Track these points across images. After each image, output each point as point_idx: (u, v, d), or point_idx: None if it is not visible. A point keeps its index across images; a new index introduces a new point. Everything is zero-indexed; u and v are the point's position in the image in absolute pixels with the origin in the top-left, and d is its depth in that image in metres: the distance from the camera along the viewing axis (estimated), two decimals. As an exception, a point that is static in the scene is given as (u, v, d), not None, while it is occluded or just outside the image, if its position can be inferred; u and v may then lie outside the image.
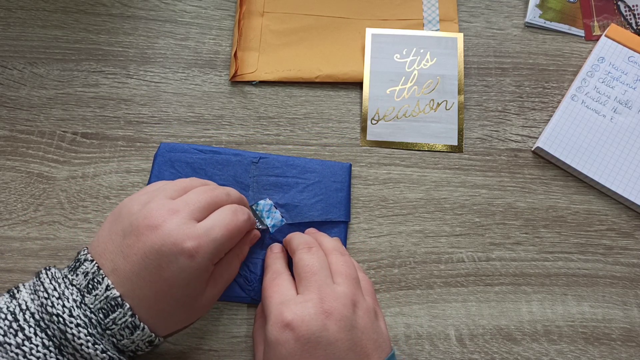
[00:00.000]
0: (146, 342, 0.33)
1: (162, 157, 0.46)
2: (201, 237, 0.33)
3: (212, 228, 0.34)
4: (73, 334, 0.31)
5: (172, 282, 0.32)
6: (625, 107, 0.49)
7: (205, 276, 0.34)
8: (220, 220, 0.35)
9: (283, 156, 0.46)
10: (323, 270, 0.36)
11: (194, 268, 0.33)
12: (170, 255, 0.32)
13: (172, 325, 0.35)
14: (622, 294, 0.44)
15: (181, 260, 0.32)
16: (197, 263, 0.33)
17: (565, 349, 0.42)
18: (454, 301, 0.43)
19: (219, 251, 0.35)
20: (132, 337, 0.32)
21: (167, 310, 0.34)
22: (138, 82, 0.50)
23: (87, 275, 0.33)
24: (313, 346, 0.32)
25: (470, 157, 0.48)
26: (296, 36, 0.52)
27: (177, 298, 0.33)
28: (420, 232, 0.45)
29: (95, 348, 0.31)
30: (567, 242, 0.46)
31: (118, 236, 0.34)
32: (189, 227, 0.33)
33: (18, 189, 0.46)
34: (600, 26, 0.54)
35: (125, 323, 0.32)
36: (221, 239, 0.34)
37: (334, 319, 0.32)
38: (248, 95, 0.50)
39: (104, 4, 0.53)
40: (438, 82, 0.50)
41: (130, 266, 0.32)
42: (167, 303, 0.33)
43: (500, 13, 0.54)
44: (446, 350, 0.42)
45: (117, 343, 0.32)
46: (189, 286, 0.33)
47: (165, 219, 0.33)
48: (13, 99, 0.49)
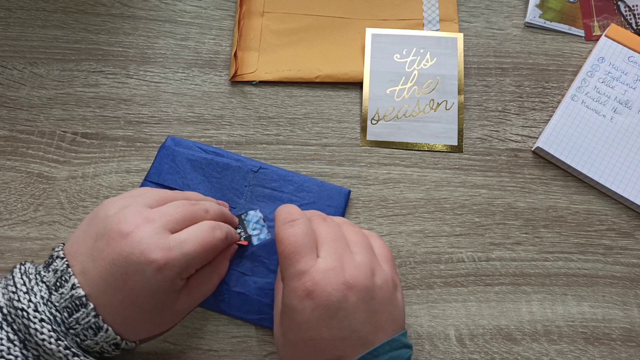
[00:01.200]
0: (111, 345, 0.33)
1: (166, 150, 0.46)
2: (172, 249, 0.32)
3: (185, 242, 0.33)
4: (36, 329, 0.31)
5: (137, 292, 0.32)
6: (625, 107, 0.49)
7: (173, 289, 0.34)
8: (195, 235, 0.34)
9: (283, 170, 0.46)
10: (341, 240, 0.34)
11: (160, 280, 0.32)
12: (137, 265, 0.31)
13: (142, 333, 0.35)
14: (622, 294, 0.44)
15: (148, 271, 0.32)
16: (163, 276, 0.32)
17: (565, 349, 0.42)
18: (454, 301, 0.43)
19: (189, 266, 0.34)
20: (96, 338, 0.32)
21: (134, 318, 0.33)
22: (138, 82, 0.50)
23: (56, 273, 0.33)
24: (330, 316, 0.31)
25: (470, 157, 0.48)
26: (296, 36, 0.52)
27: (142, 307, 0.33)
28: (420, 232, 0.45)
29: (58, 344, 0.31)
30: (567, 242, 0.46)
31: (91, 238, 0.33)
32: (160, 238, 0.32)
33: (18, 189, 0.46)
34: (600, 26, 0.54)
35: (88, 323, 0.32)
36: (193, 253, 0.33)
37: (355, 290, 0.32)
38: (248, 95, 0.50)
39: (104, 4, 0.53)
40: (438, 82, 0.50)
41: (98, 270, 0.32)
42: (133, 311, 0.33)
43: (500, 13, 0.54)
44: (446, 350, 0.42)
45: (80, 343, 0.32)
46: (155, 297, 0.33)
47: (137, 226, 0.32)
48: (13, 99, 0.49)
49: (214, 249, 0.35)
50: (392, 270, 0.36)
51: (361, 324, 0.32)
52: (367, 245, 0.35)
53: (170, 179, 0.45)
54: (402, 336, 0.33)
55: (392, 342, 0.32)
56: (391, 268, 0.36)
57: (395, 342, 0.33)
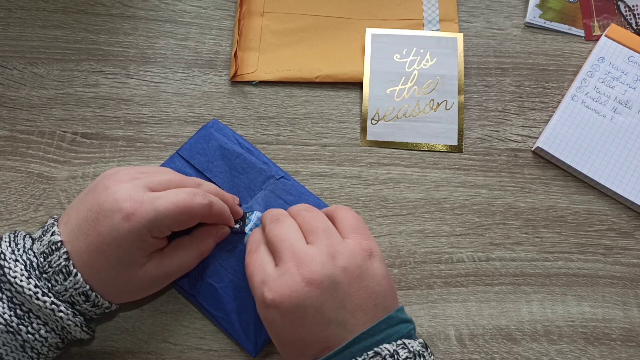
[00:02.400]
0: (81, 294, 0.34)
1: (205, 130, 0.46)
2: (143, 202, 0.33)
3: (159, 198, 0.34)
4: (10, 268, 0.32)
5: (103, 239, 0.33)
6: (625, 107, 0.49)
7: (141, 245, 0.34)
8: (172, 195, 0.34)
9: (303, 187, 0.45)
10: (292, 234, 0.34)
11: (126, 230, 0.32)
12: (108, 211, 0.33)
13: (110, 289, 0.35)
14: (622, 294, 0.44)
15: (116, 218, 0.32)
16: (129, 225, 0.32)
17: (565, 349, 0.42)
18: (454, 301, 0.43)
19: (160, 224, 0.33)
20: (65, 283, 0.33)
21: (100, 268, 0.34)
22: (138, 82, 0.50)
23: (43, 227, 0.35)
24: (300, 316, 0.32)
25: (470, 157, 0.48)
26: (296, 36, 0.52)
27: (108, 258, 0.33)
28: (420, 232, 0.45)
29: (29, 282, 0.32)
30: (567, 242, 0.46)
31: (84, 193, 0.36)
32: (137, 192, 0.33)
33: (18, 189, 0.46)
34: (600, 26, 0.54)
35: (59, 267, 0.33)
36: (164, 211, 0.33)
37: (315, 284, 0.32)
38: (248, 95, 0.50)
39: (104, 4, 0.53)
40: (438, 82, 0.50)
41: (76, 218, 0.34)
42: (99, 261, 0.33)
43: (500, 13, 0.54)
44: (446, 350, 0.42)
45: (51, 288, 0.33)
46: (120, 248, 0.33)
47: (122, 181, 0.34)
48: (13, 99, 0.49)
49: (190, 212, 0.35)
50: (362, 238, 0.35)
51: (334, 312, 0.32)
52: (325, 229, 0.35)
53: (197, 159, 0.45)
54: (398, 312, 0.33)
55: (389, 320, 0.32)
56: (360, 236, 0.35)
57: (392, 319, 0.33)
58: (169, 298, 0.42)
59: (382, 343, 0.31)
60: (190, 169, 0.45)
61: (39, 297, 0.32)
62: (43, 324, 0.33)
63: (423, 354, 0.31)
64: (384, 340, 0.32)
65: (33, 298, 0.32)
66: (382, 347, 0.31)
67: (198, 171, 0.45)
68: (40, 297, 0.32)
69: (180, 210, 0.34)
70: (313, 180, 0.47)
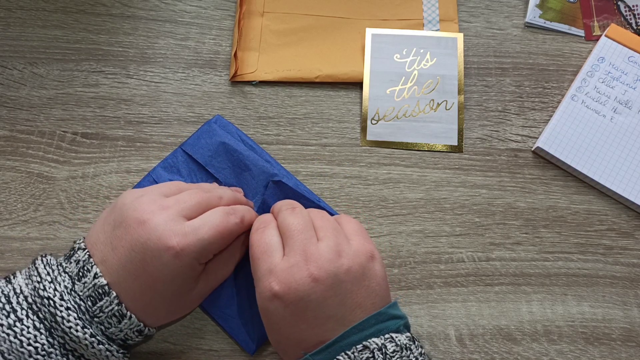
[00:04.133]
0: (135, 332, 0.34)
1: (209, 126, 0.46)
2: (188, 235, 0.33)
3: (201, 227, 0.34)
4: (62, 317, 0.31)
5: (156, 277, 0.33)
6: (625, 107, 0.49)
7: (192, 274, 0.34)
8: (210, 221, 0.35)
9: (303, 186, 0.44)
10: (307, 229, 0.35)
11: (177, 266, 0.33)
12: (155, 251, 0.32)
13: (163, 317, 0.36)
14: (622, 294, 0.44)
15: (165, 256, 0.32)
16: (181, 261, 0.33)
17: (565, 349, 0.42)
18: (454, 301, 0.43)
19: (207, 251, 0.34)
20: (120, 325, 0.33)
21: (154, 304, 0.34)
22: (138, 82, 0.50)
23: (78, 263, 0.33)
24: (302, 309, 0.32)
25: (470, 157, 0.48)
26: (296, 36, 0.52)
27: (162, 293, 0.33)
28: (420, 232, 0.45)
29: (85, 332, 0.31)
30: (567, 242, 0.46)
31: (110, 227, 0.34)
32: (177, 224, 0.33)
33: (18, 189, 0.46)
34: (600, 26, 0.54)
35: (112, 311, 0.32)
36: (209, 239, 0.34)
37: (321, 280, 0.32)
38: (248, 95, 0.50)
39: (104, 4, 0.53)
40: (438, 82, 0.50)
41: (117, 258, 0.33)
42: (152, 297, 0.33)
43: (500, 13, 0.54)
44: (446, 350, 0.42)
45: (105, 331, 0.33)
46: (174, 283, 0.33)
47: (154, 213, 0.33)
48: (13, 99, 0.49)
49: (230, 233, 0.36)
50: (365, 241, 0.36)
51: (335, 308, 0.32)
52: (334, 228, 0.35)
53: (200, 153, 0.45)
54: (389, 308, 0.34)
55: (378, 315, 0.33)
56: (363, 239, 0.36)
57: (382, 315, 0.33)
58: (169, 298, 0.42)
59: (371, 337, 0.32)
60: (194, 164, 0.45)
61: (95, 346, 0.32)
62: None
63: (410, 346, 0.32)
64: (373, 335, 0.32)
65: (89, 347, 0.32)
66: (371, 341, 0.31)
67: (201, 166, 0.45)
68: (96, 345, 0.32)
69: (221, 235, 0.35)
70: (313, 180, 0.47)
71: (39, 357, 0.31)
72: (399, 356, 0.31)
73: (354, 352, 0.31)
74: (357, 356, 0.31)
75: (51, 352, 0.31)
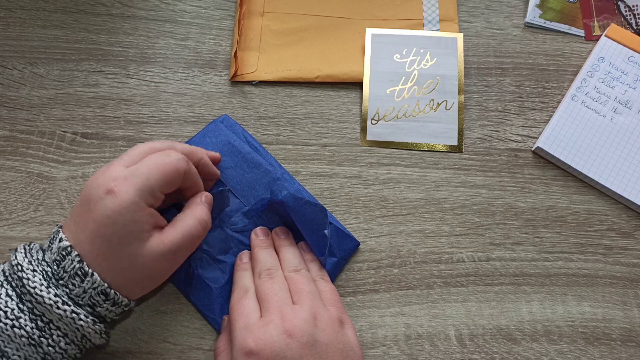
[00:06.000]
0: (100, 294, 0.34)
1: (215, 125, 0.46)
2: (127, 177, 0.34)
3: (139, 167, 0.35)
4: (28, 278, 0.33)
5: (99, 222, 0.33)
6: (625, 107, 0.49)
7: (137, 217, 0.34)
8: (148, 160, 0.35)
9: (307, 192, 0.44)
10: (282, 292, 0.37)
11: (118, 205, 0.33)
12: (95, 196, 0.34)
13: (121, 279, 0.35)
14: (622, 294, 0.44)
15: (105, 199, 0.33)
16: (119, 200, 0.33)
17: (565, 349, 0.42)
18: (454, 301, 0.43)
19: (148, 187, 0.34)
20: (83, 285, 0.33)
21: (105, 254, 0.34)
22: (138, 82, 0.50)
23: (50, 237, 0.36)
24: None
25: (470, 157, 0.48)
26: (296, 36, 0.52)
27: (109, 239, 0.33)
28: (420, 232, 0.45)
29: (49, 292, 0.33)
30: (567, 242, 0.46)
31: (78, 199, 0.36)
32: (116, 171, 0.34)
33: (18, 189, 0.46)
34: (600, 26, 0.54)
35: (74, 270, 0.33)
36: (147, 174, 0.34)
37: (296, 337, 0.33)
38: (248, 95, 0.50)
39: (104, 4, 0.53)
40: (438, 82, 0.50)
41: (73, 220, 0.35)
42: (102, 245, 0.34)
43: (500, 13, 0.54)
44: (446, 350, 0.42)
45: (70, 293, 0.33)
46: (117, 225, 0.33)
47: (100, 171, 0.35)
48: (13, 99, 0.49)
49: (174, 170, 0.36)
50: (339, 311, 0.38)
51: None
52: (309, 291, 0.37)
53: None
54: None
55: None
56: (337, 309, 0.38)
57: None
58: (169, 298, 0.42)
59: None
60: None
61: (60, 306, 0.32)
62: (63, 336, 0.33)
63: None
64: None
65: (54, 307, 0.32)
66: None
67: None
68: (60, 306, 0.32)
69: (160, 170, 0.35)
70: (313, 180, 0.47)
71: (8, 320, 0.32)
72: None
73: None
74: None
75: (20, 317, 0.32)
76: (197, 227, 0.37)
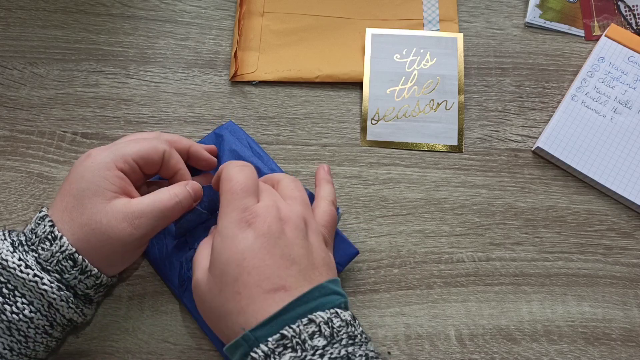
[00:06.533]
0: (67, 258, 0.34)
1: (220, 131, 0.46)
2: (107, 148, 0.37)
3: (118, 142, 0.37)
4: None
5: (71, 179, 0.35)
6: (625, 107, 0.49)
7: (104, 174, 0.35)
8: (128, 138, 0.38)
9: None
10: (274, 192, 0.37)
11: (89, 163, 0.35)
12: (77, 163, 0.36)
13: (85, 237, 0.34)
14: (622, 294, 0.44)
15: (83, 162, 0.36)
16: (92, 159, 0.35)
17: (565, 349, 0.42)
18: (454, 301, 0.43)
19: (122, 153, 0.36)
20: (51, 248, 0.34)
21: (70, 209, 0.34)
22: (138, 82, 0.50)
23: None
24: (272, 244, 0.32)
25: (470, 157, 0.48)
26: (296, 36, 0.52)
27: (74, 194, 0.35)
28: (420, 232, 0.45)
29: (13, 255, 0.33)
30: (567, 242, 0.46)
31: None
32: (99, 147, 0.37)
33: (18, 189, 0.46)
34: (600, 26, 0.54)
35: (45, 234, 0.34)
36: (125, 145, 0.36)
37: (290, 226, 0.33)
38: (248, 95, 0.50)
39: (104, 4, 0.53)
40: (438, 82, 0.50)
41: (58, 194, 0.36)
42: (68, 202, 0.35)
43: (500, 13, 0.54)
44: (446, 350, 0.42)
45: (38, 257, 0.34)
46: (84, 179, 0.35)
47: None
48: (13, 99, 0.49)
49: (151, 145, 0.37)
50: (327, 233, 0.37)
51: (300, 256, 0.33)
52: (302, 199, 0.37)
53: None
54: (330, 283, 0.33)
55: (321, 289, 0.32)
56: (327, 230, 0.37)
57: (324, 289, 0.33)
58: (169, 298, 0.42)
59: (315, 311, 0.31)
60: None
61: (22, 270, 0.33)
62: (28, 304, 0.33)
63: (353, 323, 0.32)
64: (317, 309, 0.31)
65: (17, 271, 0.33)
66: (316, 315, 0.31)
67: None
68: (23, 269, 0.33)
69: (139, 143, 0.37)
70: (313, 180, 0.47)
71: None
72: (345, 331, 0.31)
73: (298, 325, 0.30)
74: (303, 330, 0.30)
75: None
76: (169, 200, 0.36)
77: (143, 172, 0.37)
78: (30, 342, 0.34)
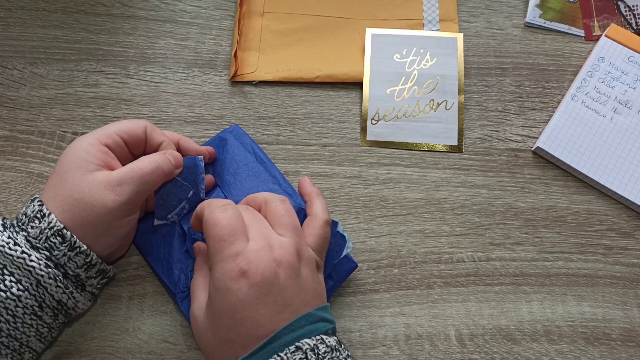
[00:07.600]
0: (55, 234, 0.34)
1: (224, 134, 0.45)
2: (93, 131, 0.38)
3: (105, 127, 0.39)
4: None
5: (59, 161, 0.37)
6: (625, 107, 0.49)
7: (87, 148, 0.36)
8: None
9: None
10: (262, 220, 0.36)
11: (75, 142, 0.37)
12: (64, 150, 0.37)
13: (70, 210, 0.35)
14: (622, 294, 0.44)
15: (74, 144, 0.37)
16: (79, 139, 0.37)
17: (565, 349, 0.42)
18: (454, 301, 0.43)
19: (106, 131, 0.38)
20: (40, 225, 0.34)
21: (55, 185, 0.36)
22: (138, 82, 0.50)
23: None
24: (265, 292, 0.32)
25: (470, 157, 0.48)
26: (296, 36, 0.52)
27: (58, 170, 0.36)
28: (420, 232, 0.45)
29: (2, 234, 0.34)
30: (567, 242, 0.46)
31: None
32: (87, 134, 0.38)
33: (18, 189, 0.46)
34: (600, 26, 0.54)
35: (34, 212, 0.35)
36: (109, 125, 0.38)
37: (283, 267, 0.33)
38: (248, 95, 0.50)
39: (104, 4, 0.53)
40: (438, 82, 0.50)
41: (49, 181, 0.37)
42: (53, 178, 0.36)
43: (500, 13, 0.54)
44: (446, 350, 0.42)
45: (27, 236, 0.34)
46: (67, 156, 0.36)
47: None
48: (13, 99, 0.49)
49: (134, 123, 0.39)
50: (318, 254, 0.37)
51: (292, 298, 0.33)
52: (293, 225, 0.36)
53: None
54: (319, 310, 0.34)
55: (308, 317, 0.33)
56: (317, 252, 0.37)
57: (311, 316, 0.33)
58: (169, 298, 0.42)
59: (302, 338, 0.32)
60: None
61: (11, 247, 0.33)
62: (16, 282, 0.33)
63: (338, 348, 0.32)
64: (304, 336, 0.32)
65: (5, 248, 0.33)
66: (303, 342, 0.31)
67: (207, 172, 0.43)
68: (12, 246, 0.33)
69: (122, 122, 0.39)
70: (313, 180, 0.47)
71: None
72: (330, 357, 0.31)
73: (286, 353, 0.31)
74: (290, 357, 0.31)
75: None
76: (149, 165, 0.37)
77: (129, 148, 0.39)
78: (19, 322, 0.34)
